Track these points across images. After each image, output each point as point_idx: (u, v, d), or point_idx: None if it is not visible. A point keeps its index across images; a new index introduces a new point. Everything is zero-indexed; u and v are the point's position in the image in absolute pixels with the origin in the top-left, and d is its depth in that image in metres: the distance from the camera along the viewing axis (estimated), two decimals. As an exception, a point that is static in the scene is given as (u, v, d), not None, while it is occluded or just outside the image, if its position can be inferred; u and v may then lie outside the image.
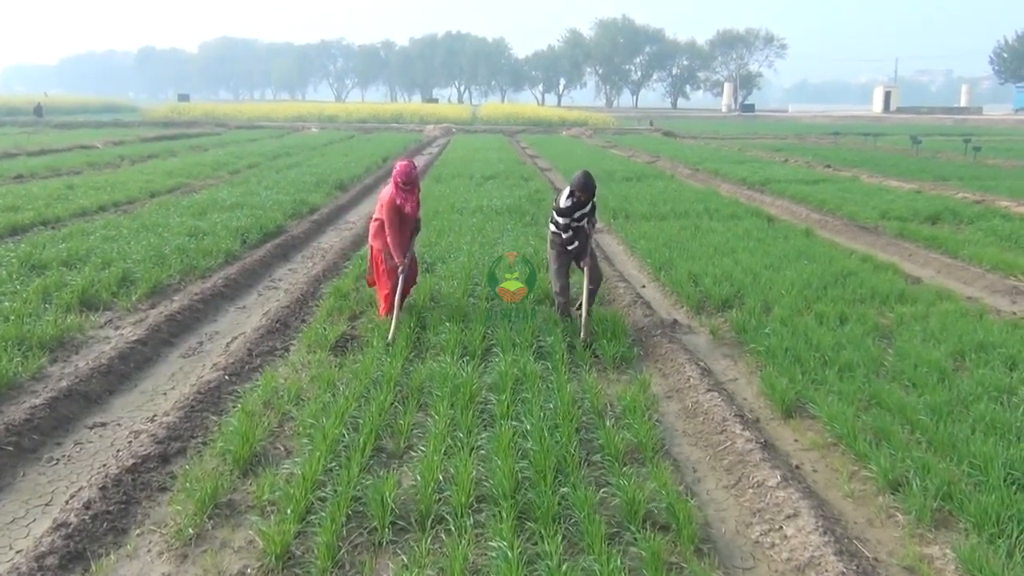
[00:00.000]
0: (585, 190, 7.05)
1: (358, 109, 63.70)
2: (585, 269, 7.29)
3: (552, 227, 7.41)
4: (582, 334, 7.01)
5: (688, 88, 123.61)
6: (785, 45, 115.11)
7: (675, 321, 7.95)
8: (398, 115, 59.59)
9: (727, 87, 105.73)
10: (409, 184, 7.07)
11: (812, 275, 9.11)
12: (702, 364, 6.62)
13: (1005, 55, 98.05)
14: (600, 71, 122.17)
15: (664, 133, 47.96)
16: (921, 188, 18.63)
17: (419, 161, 27.36)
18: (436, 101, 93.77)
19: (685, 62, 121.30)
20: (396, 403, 5.59)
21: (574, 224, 7.21)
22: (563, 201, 7.14)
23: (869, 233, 13.03)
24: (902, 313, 7.79)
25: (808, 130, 52.50)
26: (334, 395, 5.64)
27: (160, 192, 16.33)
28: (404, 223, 7.25)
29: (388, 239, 7.14)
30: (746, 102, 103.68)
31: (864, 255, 10.70)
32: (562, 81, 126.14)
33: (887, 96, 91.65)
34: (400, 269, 7.11)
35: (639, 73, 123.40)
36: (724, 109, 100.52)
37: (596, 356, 6.75)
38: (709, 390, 5.93)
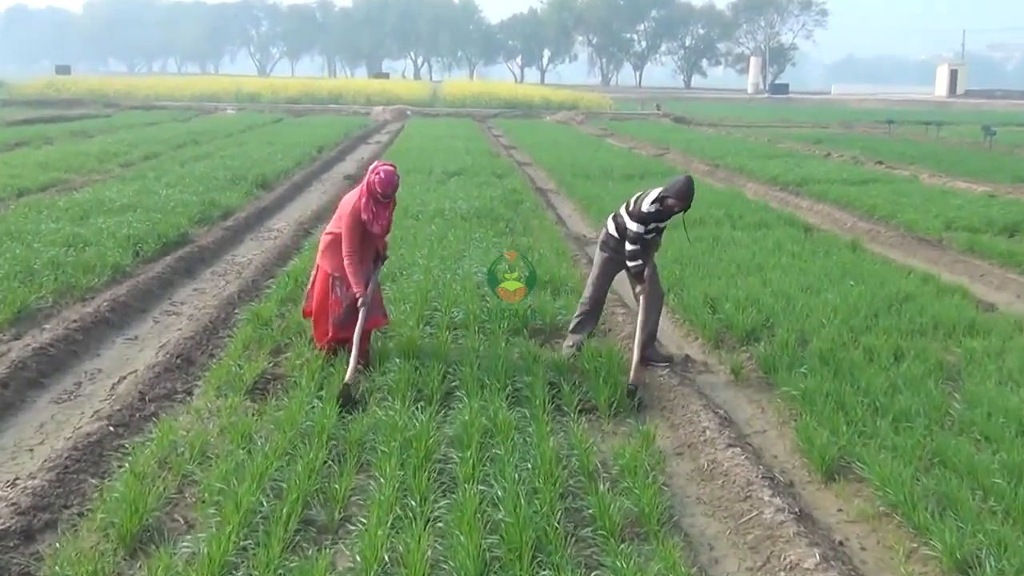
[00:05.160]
0: (684, 200, 7.24)
1: (287, 86, 63.62)
2: (642, 297, 7.41)
3: (612, 228, 7.61)
4: (631, 376, 7.03)
5: (705, 63, 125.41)
6: (826, 11, 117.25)
7: (687, 357, 7.99)
8: (338, 94, 59.54)
9: (754, 63, 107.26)
10: (388, 196, 7.02)
11: (860, 299, 9.21)
12: (721, 412, 6.65)
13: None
14: (594, 41, 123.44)
15: (675, 119, 48.38)
16: (996, 191, 18.97)
17: (364, 152, 27.45)
18: (387, 76, 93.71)
19: (701, 31, 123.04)
20: (330, 462, 5.54)
21: (645, 236, 7.36)
22: (646, 205, 7.29)
23: (931, 247, 13.23)
24: (972, 348, 7.89)
25: (855, 117, 53.30)
26: (250, 451, 5.58)
27: (30, 190, 16.16)
28: (367, 244, 7.20)
29: (345, 262, 7.02)
30: (777, 81, 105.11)
31: (924, 275, 10.84)
32: (546, 53, 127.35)
33: (952, 76, 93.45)
34: (360, 301, 6.98)
35: (643, 43, 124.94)
36: (750, 90, 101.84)
37: (587, 402, 6.77)
38: (730, 445, 5.95)
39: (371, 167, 7.11)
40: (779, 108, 67.12)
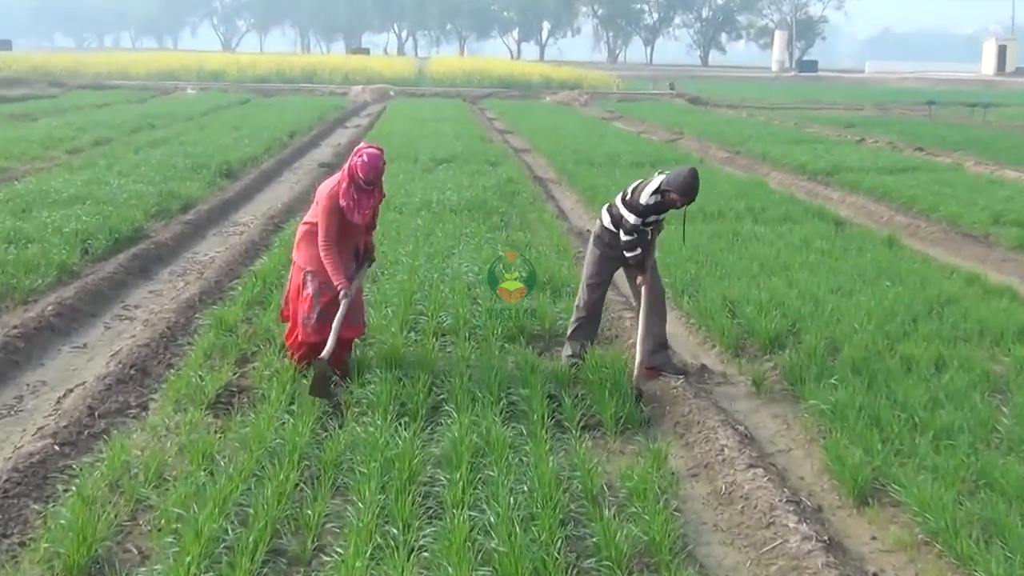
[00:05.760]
0: (687, 194, 7.31)
1: (254, 63, 63.50)
2: (643, 288, 7.46)
3: (607, 219, 7.64)
4: (634, 376, 7.16)
5: (724, 37, 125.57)
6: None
7: (703, 367, 8.01)
8: (312, 72, 59.54)
9: (779, 37, 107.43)
10: (372, 183, 6.95)
11: (897, 302, 9.23)
12: (741, 428, 6.66)
13: None
14: (600, 12, 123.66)
15: (690, 100, 48.46)
16: (1049, 181, 18.98)
17: (342, 138, 27.46)
18: (367, 52, 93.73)
19: (720, 1, 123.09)
20: (302, 484, 5.55)
21: (642, 227, 7.41)
22: (645, 196, 7.33)
23: (977, 243, 13.27)
24: (1022, 357, 7.90)
25: (893, 97, 53.35)
26: (212, 473, 5.58)
27: (-36, 179, 16.16)
28: (348, 235, 7.09)
29: (321, 253, 6.93)
30: (805, 58, 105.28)
31: (970, 274, 10.86)
32: (546, 26, 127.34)
33: (1001, 52, 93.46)
34: (343, 294, 6.89)
35: (655, 15, 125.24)
36: (775, 68, 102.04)
37: (591, 417, 6.77)
38: (751, 465, 5.96)
39: (355, 149, 7.08)
40: (807, 88, 67.21)
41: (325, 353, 6.74)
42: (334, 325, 6.88)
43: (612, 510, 5.34)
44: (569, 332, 7.91)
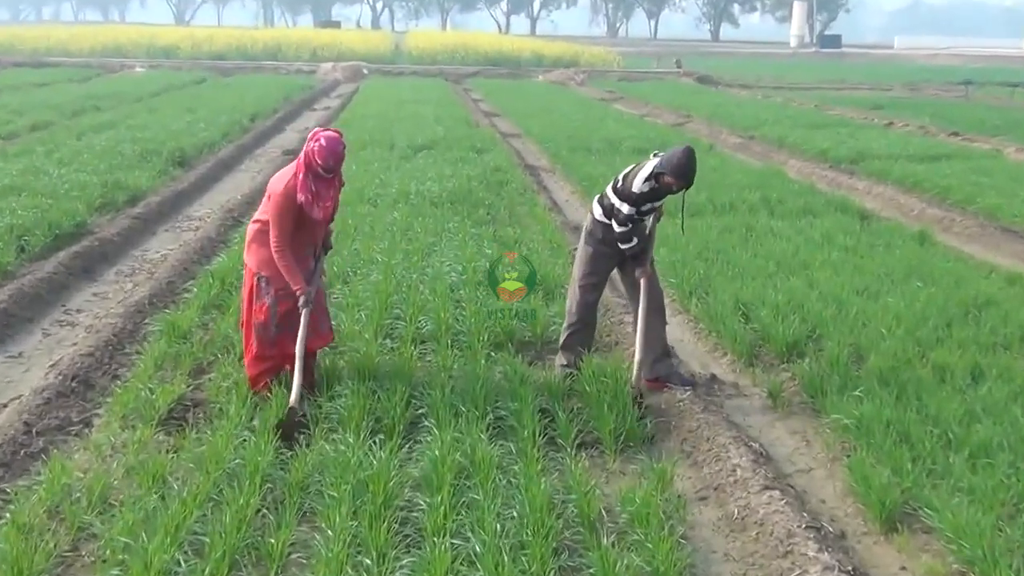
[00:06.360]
0: (682, 177, 7.16)
1: (211, 37, 63.41)
2: (643, 281, 7.46)
3: (598, 212, 7.61)
4: (633, 377, 7.17)
5: (737, 9, 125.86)
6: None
7: (712, 377, 8.02)
8: (276, 48, 59.50)
9: (798, 9, 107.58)
10: (331, 170, 6.78)
11: (929, 305, 9.25)
12: (755, 445, 6.67)
13: None
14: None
15: (699, 79, 48.52)
16: (1098, 169, 19.06)
17: (309, 121, 27.44)
18: (337, 26, 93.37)
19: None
20: (265, 510, 5.54)
21: (637, 216, 7.41)
22: (638, 184, 7.28)
23: (1018, 239, 13.32)
24: (1068, 365, 7.93)
25: (924, 76, 53.49)
26: (164, 497, 5.56)
27: None
28: (305, 233, 6.96)
29: (275, 256, 6.79)
30: (828, 32, 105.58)
31: (1010, 274, 10.91)
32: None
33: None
34: (302, 301, 6.80)
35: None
36: (793, 43, 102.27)
37: (588, 433, 6.77)
38: (766, 487, 5.97)
39: (310, 134, 6.89)
40: (829, 65, 67.39)
41: (293, 399, 6.61)
42: (297, 351, 6.76)
43: (611, 537, 5.34)
44: (562, 341, 7.90)
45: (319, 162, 6.69)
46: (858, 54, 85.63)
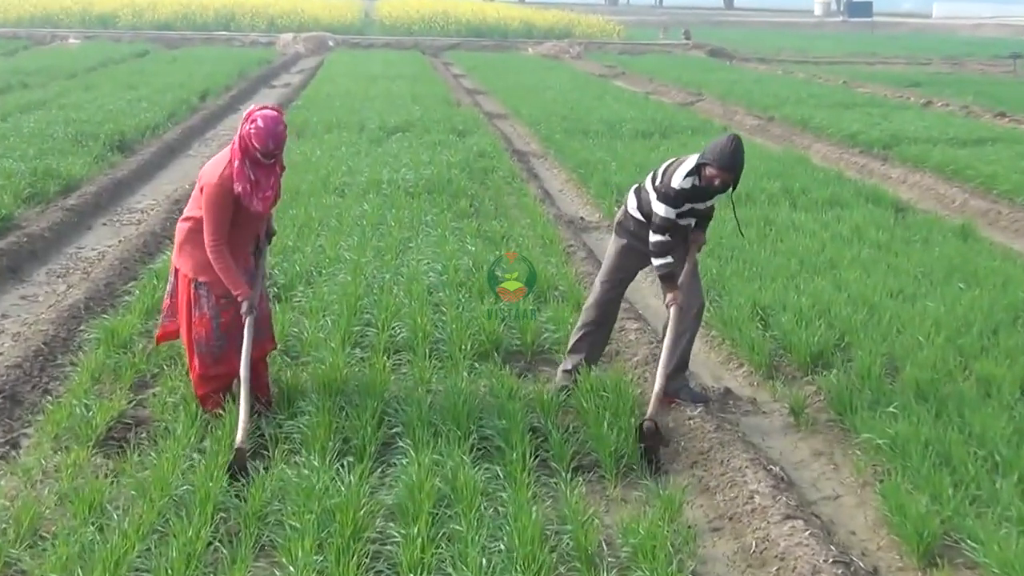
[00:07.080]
0: (729, 168, 7.13)
1: (155, 5, 63.00)
2: (672, 309, 7.41)
3: (632, 204, 7.63)
4: (649, 409, 7.08)
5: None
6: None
7: (727, 391, 8.05)
8: (229, 16, 59.19)
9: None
10: (271, 155, 6.68)
11: (973, 309, 9.27)
12: (775, 469, 6.68)
13: None
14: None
15: (711, 52, 48.55)
16: None
17: (268, 99, 27.33)
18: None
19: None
20: (217, 543, 5.53)
21: (676, 222, 7.36)
22: (678, 179, 7.24)
23: (1072, 234, 13.35)
24: None
25: (967, 49, 53.56)
26: (102, 528, 5.56)
27: None
28: (244, 228, 6.88)
29: (211, 256, 6.69)
30: (857, 0, 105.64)
31: (1063, 274, 10.93)
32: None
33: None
34: (245, 308, 6.74)
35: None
36: (818, 11, 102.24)
37: (585, 455, 6.78)
38: (788, 516, 5.98)
39: (245, 115, 6.75)
40: (859, 37, 67.48)
41: (240, 440, 6.45)
42: (242, 373, 6.67)
43: (612, 574, 5.35)
44: (572, 342, 7.91)
45: (257, 146, 6.58)
46: (892, 23, 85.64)
